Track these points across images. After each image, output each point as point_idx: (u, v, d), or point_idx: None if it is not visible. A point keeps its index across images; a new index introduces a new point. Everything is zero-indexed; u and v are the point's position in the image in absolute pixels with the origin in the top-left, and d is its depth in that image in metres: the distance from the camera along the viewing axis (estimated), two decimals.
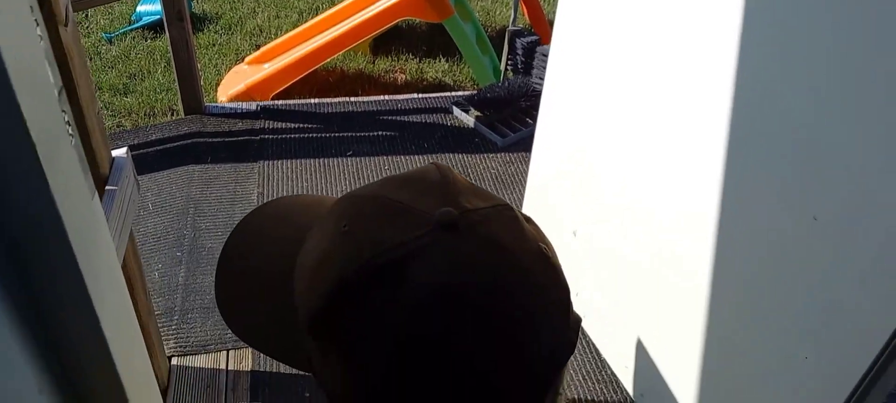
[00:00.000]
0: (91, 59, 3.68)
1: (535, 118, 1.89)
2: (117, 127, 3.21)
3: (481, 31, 3.79)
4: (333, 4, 4.23)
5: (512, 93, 2.87)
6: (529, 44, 2.80)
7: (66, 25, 1.27)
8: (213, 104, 2.94)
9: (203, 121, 2.79)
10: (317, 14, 4.20)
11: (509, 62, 2.89)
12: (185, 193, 2.39)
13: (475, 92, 2.97)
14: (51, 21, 1.24)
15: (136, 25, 3.89)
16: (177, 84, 2.77)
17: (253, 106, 2.91)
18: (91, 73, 3.56)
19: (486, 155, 2.73)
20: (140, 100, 3.41)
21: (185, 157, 2.58)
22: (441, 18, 3.32)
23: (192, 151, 2.62)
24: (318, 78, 3.57)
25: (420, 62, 3.88)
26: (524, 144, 2.73)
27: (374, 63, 3.86)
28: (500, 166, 2.68)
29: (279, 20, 4.15)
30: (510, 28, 2.86)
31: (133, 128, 2.89)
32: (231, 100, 3.38)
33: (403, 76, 3.83)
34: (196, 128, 2.75)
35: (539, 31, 3.74)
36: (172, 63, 2.72)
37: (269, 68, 3.60)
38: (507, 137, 2.79)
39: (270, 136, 2.73)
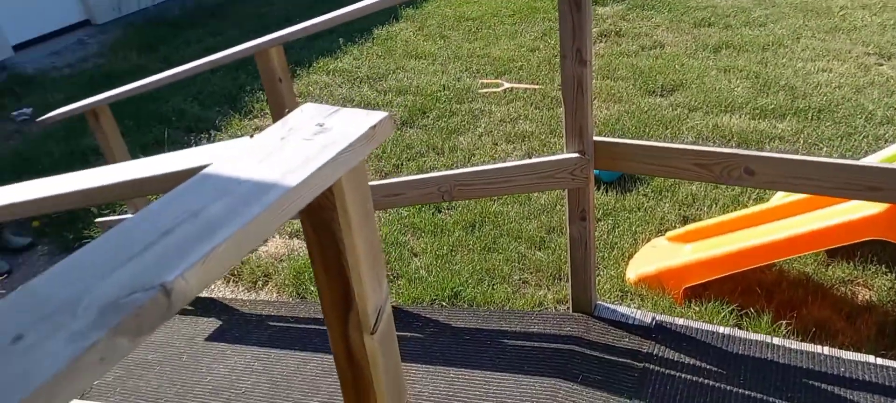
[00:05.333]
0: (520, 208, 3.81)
1: None
2: (522, 282, 3.21)
3: None
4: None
5: None
6: None
7: (373, 333, 1.14)
8: (606, 304, 2.64)
9: (588, 325, 2.52)
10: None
11: None
12: None
13: None
14: (357, 330, 1.13)
15: None
16: (569, 279, 2.56)
17: (647, 318, 2.51)
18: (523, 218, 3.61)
19: None
20: (551, 257, 3.36)
21: (557, 367, 2.34)
22: None
23: (565, 361, 2.37)
24: (746, 277, 2.96)
25: None
26: None
27: (827, 267, 3.03)
28: None
29: (717, 191, 3.64)
30: None
31: (521, 310, 2.79)
32: (639, 281, 3.05)
33: (869, 293, 2.91)
34: (579, 332, 2.49)
35: None
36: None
37: (689, 252, 3.16)
38: None
39: (656, 368, 2.28)
